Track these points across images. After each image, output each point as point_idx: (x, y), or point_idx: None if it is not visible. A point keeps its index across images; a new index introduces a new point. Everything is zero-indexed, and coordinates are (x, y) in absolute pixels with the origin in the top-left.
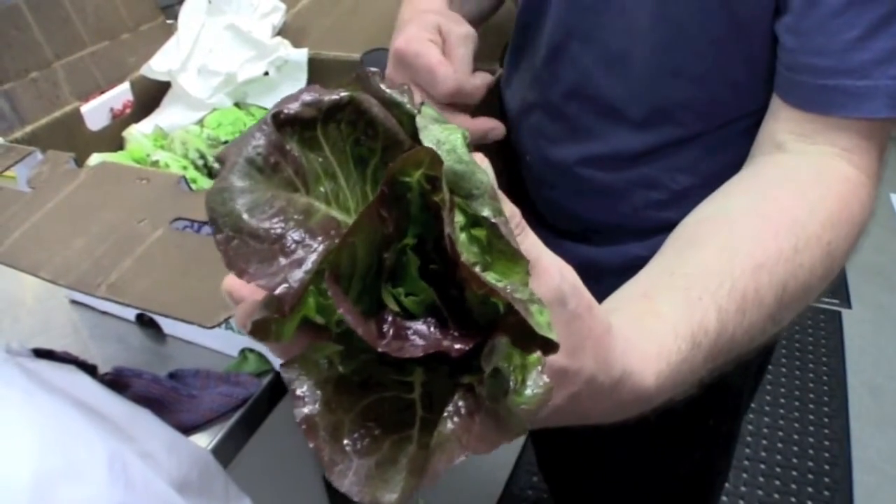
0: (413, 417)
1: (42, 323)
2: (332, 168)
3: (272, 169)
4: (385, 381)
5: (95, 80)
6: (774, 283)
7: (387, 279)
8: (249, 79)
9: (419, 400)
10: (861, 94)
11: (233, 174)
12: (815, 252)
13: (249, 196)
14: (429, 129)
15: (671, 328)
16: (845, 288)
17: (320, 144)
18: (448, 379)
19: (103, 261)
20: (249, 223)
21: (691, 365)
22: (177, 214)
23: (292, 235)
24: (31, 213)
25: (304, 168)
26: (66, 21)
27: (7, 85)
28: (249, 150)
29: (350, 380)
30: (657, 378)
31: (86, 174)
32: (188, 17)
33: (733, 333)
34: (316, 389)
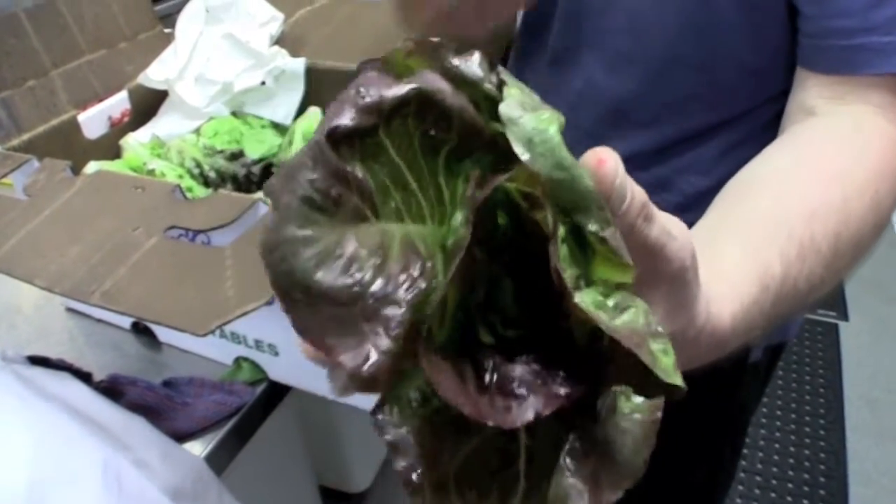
0: (518, 449)
1: (38, 330)
2: (400, 175)
3: (334, 204)
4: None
5: (93, 89)
6: (828, 232)
7: (479, 309)
8: (246, 88)
9: (523, 430)
10: (887, 49)
11: (290, 222)
12: (865, 201)
13: (314, 247)
14: (518, 125)
15: (740, 272)
16: (843, 300)
17: (384, 149)
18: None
19: (98, 268)
20: (321, 283)
21: (761, 308)
22: (171, 223)
23: (372, 290)
24: (27, 221)
25: (369, 188)
26: (64, 29)
27: (4, 93)
28: (305, 187)
29: (446, 417)
30: (733, 320)
31: (82, 182)
32: (186, 26)
33: (796, 279)
34: (412, 442)
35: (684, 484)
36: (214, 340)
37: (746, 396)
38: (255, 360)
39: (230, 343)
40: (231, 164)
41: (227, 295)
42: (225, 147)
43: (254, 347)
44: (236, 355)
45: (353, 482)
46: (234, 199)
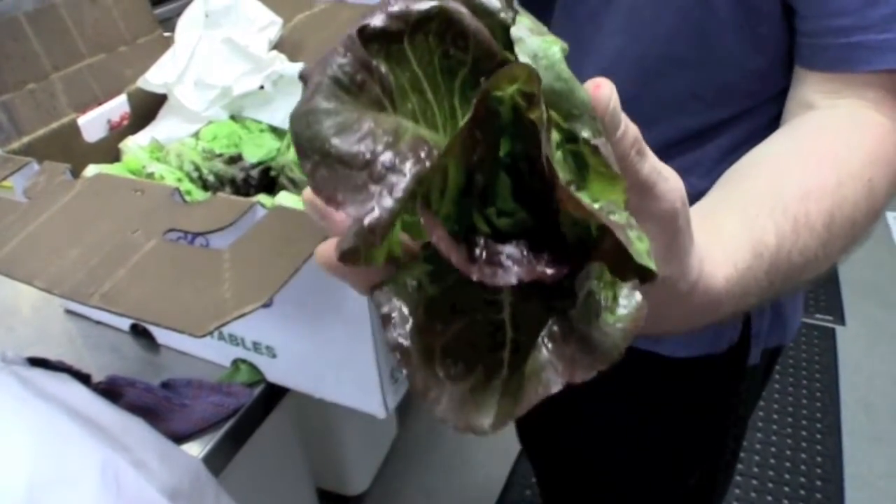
0: (503, 338)
1: (37, 332)
2: (419, 83)
3: (359, 88)
4: (474, 300)
5: (93, 92)
6: (822, 211)
7: (478, 200)
8: (245, 92)
9: (509, 320)
10: (883, 47)
11: (318, 95)
12: (858, 186)
13: (336, 118)
14: (525, 42)
15: (734, 238)
16: (839, 305)
17: (407, 58)
18: (538, 300)
19: (97, 270)
20: (338, 147)
21: (755, 275)
22: (170, 226)
23: (382, 159)
24: (26, 224)
25: (390, 85)
26: (64, 33)
27: (5, 96)
28: (335, 69)
29: (440, 302)
30: (727, 283)
31: (81, 185)
32: (185, 30)
33: (790, 251)
34: (407, 314)
35: (682, 487)
36: (212, 342)
37: (744, 399)
38: (252, 361)
39: (228, 345)
40: (230, 168)
41: (225, 297)
42: (224, 151)
43: (251, 349)
44: (234, 357)
45: (350, 485)
46: (233, 202)
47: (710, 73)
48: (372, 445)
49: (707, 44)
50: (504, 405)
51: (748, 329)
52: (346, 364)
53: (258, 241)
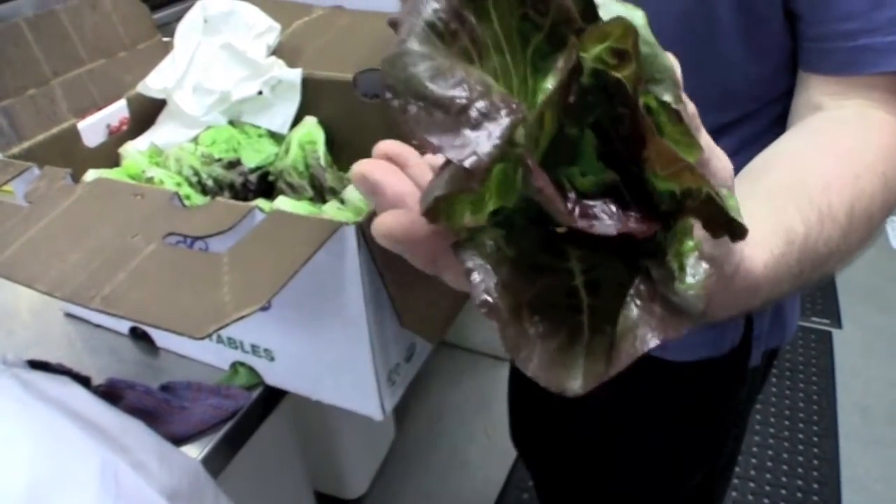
0: (580, 304)
1: (37, 335)
2: (500, 42)
3: (452, 36)
4: (546, 266)
5: (92, 98)
6: (843, 202)
7: (563, 161)
8: (244, 98)
9: (582, 287)
10: (889, 49)
11: (412, 38)
12: (874, 179)
13: (430, 62)
14: (607, 6)
15: (766, 225)
16: (836, 308)
17: (489, 15)
18: (615, 263)
19: (98, 274)
20: (433, 90)
21: (788, 262)
22: (170, 230)
23: (477, 106)
24: (27, 228)
25: (479, 38)
26: (64, 39)
27: (6, 101)
28: (429, 14)
29: (519, 264)
30: (765, 268)
31: (82, 190)
32: (184, 36)
33: (816, 241)
34: (491, 271)
35: (682, 489)
36: (211, 345)
37: (744, 401)
38: (251, 364)
39: (226, 348)
40: (229, 173)
41: (224, 300)
42: (223, 155)
43: (250, 352)
44: (233, 360)
45: (348, 488)
46: (231, 206)
47: (712, 79)
48: (370, 448)
49: (709, 50)
50: (591, 367)
51: (750, 331)
52: (343, 367)
53: (257, 244)
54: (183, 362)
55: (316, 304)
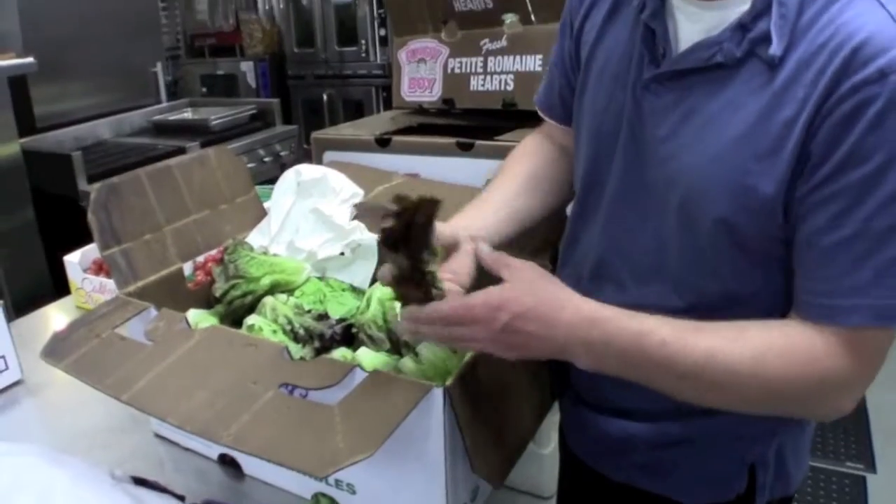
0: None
1: (130, 452)
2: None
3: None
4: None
5: (197, 244)
6: (706, 343)
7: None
8: (328, 257)
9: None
10: (849, 310)
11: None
12: (751, 352)
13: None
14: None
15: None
16: (870, 452)
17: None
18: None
19: (223, 413)
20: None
21: (618, 325)
22: (283, 380)
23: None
24: (153, 365)
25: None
26: (176, 191)
27: (126, 244)
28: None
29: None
30: (592, 311)
31: (199, 335)
32: (280, 196)
33: (657, 342)
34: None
35: None
36: (297, 475)
37: None
38: (332, 496)
39: (311, 479)
40: (318, 324)
41: (339, 446)
42: (312, 306)
43: (333, 485)
44: (315, 490)
45: None
46: (335, 363)
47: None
48: None
49: (720, 272)
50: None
51: (753, 481)
52: (418, 503)
53: (363, 398)
54: (266, 489)
55: (402, 448)
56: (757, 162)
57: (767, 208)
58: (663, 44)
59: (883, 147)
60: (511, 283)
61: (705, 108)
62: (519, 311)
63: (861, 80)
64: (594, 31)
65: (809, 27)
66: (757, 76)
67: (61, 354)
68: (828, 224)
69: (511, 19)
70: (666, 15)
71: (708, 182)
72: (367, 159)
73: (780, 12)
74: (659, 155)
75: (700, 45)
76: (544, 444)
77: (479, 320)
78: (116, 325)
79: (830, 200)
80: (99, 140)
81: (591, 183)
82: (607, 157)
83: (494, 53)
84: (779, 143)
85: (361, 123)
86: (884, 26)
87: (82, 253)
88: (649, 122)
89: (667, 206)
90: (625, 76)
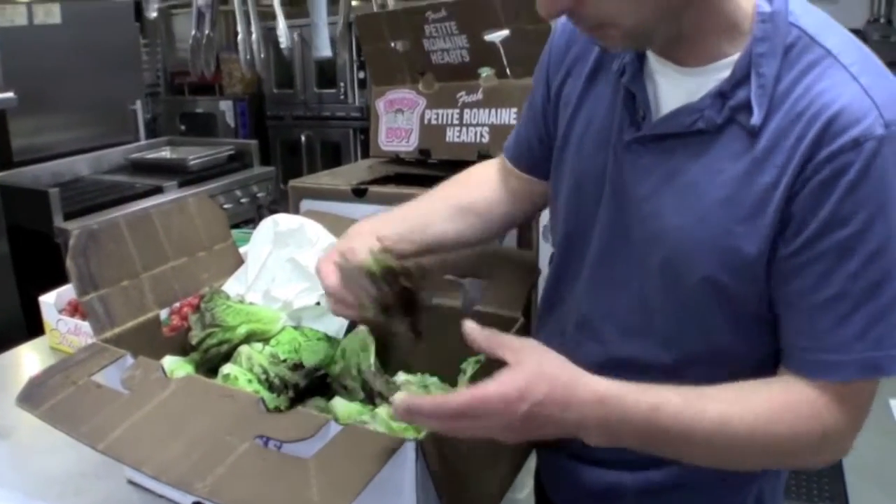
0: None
1: (102, 498)
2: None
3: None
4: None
5: (174, 292)
6: (717, 408)
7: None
8: (304, 306)
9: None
10: (836, 365)
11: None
12: (759, 412)
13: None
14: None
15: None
16: (844, 491)
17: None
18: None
19: (199, 465)
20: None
21: (631, 400)
22: (259, 432)
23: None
24: (129, 414)
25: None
26: (154, 238)
27: (104, 290)
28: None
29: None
30: (605, 388)
31: (176, 385)
32: (257, 245)
33: (671, 414)
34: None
35: None
36: None
37: None
38: None
39: None
40: (293, 374)
41: (314, 499)
42: (287, 356)
43: None
44: None
45: None
46: (310, 416)
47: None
48: None
49: (706, 331)
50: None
51: None
52: None
53: (337, 451)
54: None
55: (376, 501)
56: (740, 224)
57: (751, 267)
58: (644, 107)
59: (860, 210)
60: (520, 368)
61: (687, 171)
62: (536, 399)
63: (838, 148)
64: (575, 93)
65: (787, 95)
66: (737, 141)
67: (37, 401)
68: (813, 284)
69: (487, 73)
70: (646, 78)
71: (693, 242)
72: (344, 209)
73: (759, 82)
74: (641, 213)
75: (681, 111)
76: (518, 489)
77: (496, 413)
78: (93, 372)
79: (814, 261)
80: (76, 176)
81: (573, 241)
82: (590, 215)
83: (470, 106)
84: (760, 206)
85: (338, 172)
86: (857, 98)
87: (58, 294)
88: (631, 181)
89: (650, 263)
90: (606, 136)
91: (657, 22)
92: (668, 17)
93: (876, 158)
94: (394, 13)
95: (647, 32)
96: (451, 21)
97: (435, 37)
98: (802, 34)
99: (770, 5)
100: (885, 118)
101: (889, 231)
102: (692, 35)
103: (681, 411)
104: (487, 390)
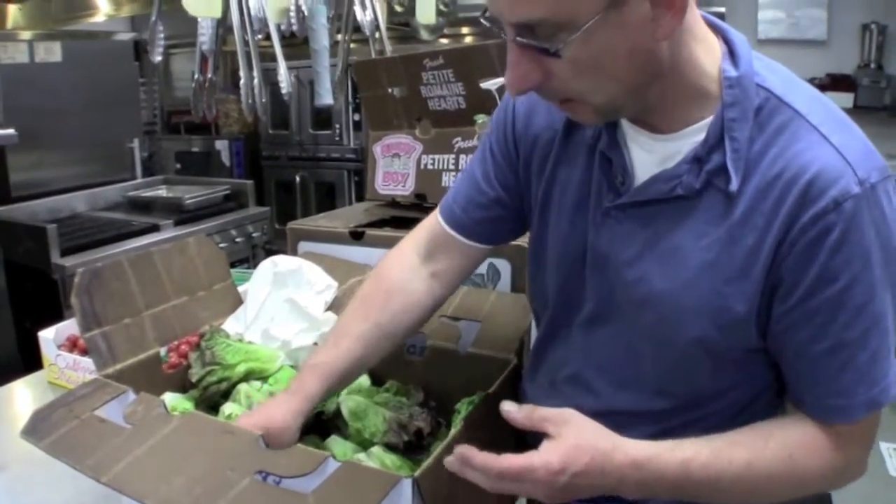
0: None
1: None
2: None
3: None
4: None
5: (174, 330)
6: (742, 456)
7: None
8: (301, 346)
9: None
10: (843, 409)
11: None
12: (780, 453)
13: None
14: None
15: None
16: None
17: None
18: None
19: (201, 499)
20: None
21: (667, 458)
22: (259, 468)
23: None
24: (132, 448)
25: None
26: (156, 277)
27: (107, 327)
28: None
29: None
30: (637, 449)
31: (178, 421)
32: (256, 286)
33: (702, 465)
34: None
35: None
36: None
37: None
38: None
39: None
40: None
41: None
42: None
43: None
44: None
45: None
46: (309, 452)
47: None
48: None
49: (695, 381)
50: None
51: None
52: None
53: (335, 488)
54: None
55: None
56: (728, 285)
57: (742, 323)
58: (621, 172)
59: (847, 268)
60: (562, 441)
61: (670, 236)
62: (578, 470)
63: (821, 209)
64: (549, 162)
65: (761, 157)
66: (716, 205)
67: (42, 434)
68: (810, 337)
69: (482, 119)
70: (620, 144)
71: (683, 306)
72: (341, 251)
73: (734, 147)
74: (626, 278)
75: (659, 178)
76: None
77: (540, 482)
78: (96, 406)
79: (810, 316)
80: (74, 213)
81: (562, 308)
82: (578, 282)
83: (466, 151)
84: (746, 267)
85: (335, 215)
86: (831, 159)
87: (57, 329)
88: (613, 247)
89: (640, 324)
90: (585, 203)
91: (625, 97)
92: (636, 93)
93: (855, 217)
94: (392, 60)
95: (616, 107)
96: (447, 69)
97: (432, 84)
98: (770, 95)
99: (736, 69)
100: (859, 176)
101: (872, 280)
102: (662, 105)
103: (710, 463)
104: (532, 460)
